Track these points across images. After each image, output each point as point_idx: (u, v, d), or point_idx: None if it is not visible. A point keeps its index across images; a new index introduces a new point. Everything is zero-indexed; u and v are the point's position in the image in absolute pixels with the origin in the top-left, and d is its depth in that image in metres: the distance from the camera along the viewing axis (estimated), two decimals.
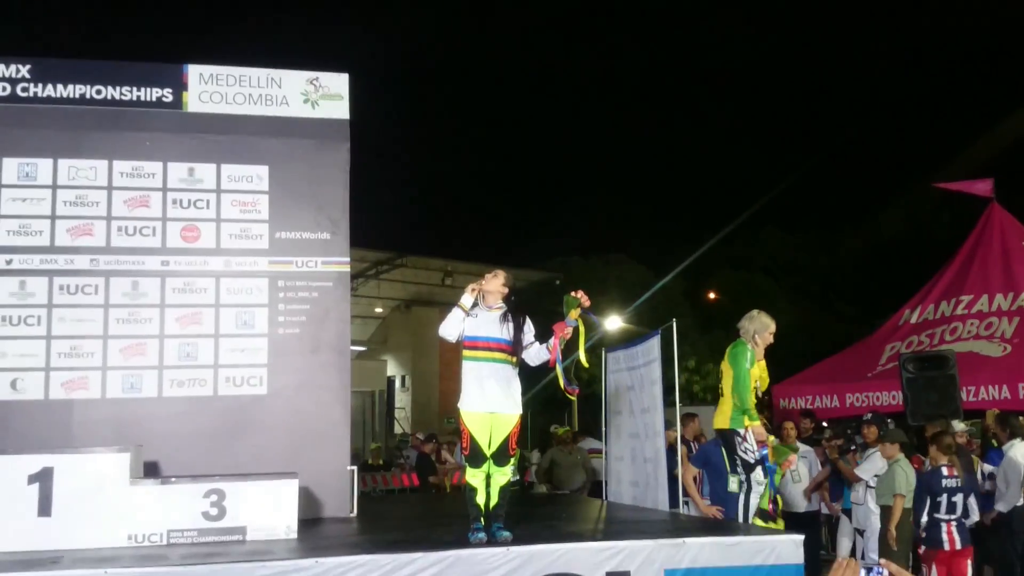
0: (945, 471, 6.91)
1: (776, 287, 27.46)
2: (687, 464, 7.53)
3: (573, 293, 5.59)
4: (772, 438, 6.54)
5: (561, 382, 5.68)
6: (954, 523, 6.85)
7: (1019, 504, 8.12)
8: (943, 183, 16.35)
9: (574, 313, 5.55)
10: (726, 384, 6.57)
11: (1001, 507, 8.21)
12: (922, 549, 7.06)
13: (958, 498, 6.83)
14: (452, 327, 5.53)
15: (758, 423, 6.52)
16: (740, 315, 6.89)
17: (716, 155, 44.58)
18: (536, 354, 5.62)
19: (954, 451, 7.02)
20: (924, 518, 6.90)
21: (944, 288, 13.63)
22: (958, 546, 6.87)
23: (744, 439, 6.48)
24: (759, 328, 6.66)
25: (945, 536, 6.83)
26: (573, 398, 5.93)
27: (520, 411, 5.57)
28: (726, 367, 6.61)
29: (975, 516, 6.99)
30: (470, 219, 41.91)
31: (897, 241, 28.26)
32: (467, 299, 5.54)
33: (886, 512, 7.47)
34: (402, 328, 28.72)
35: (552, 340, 5.57)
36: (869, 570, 2.43)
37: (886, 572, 2.42)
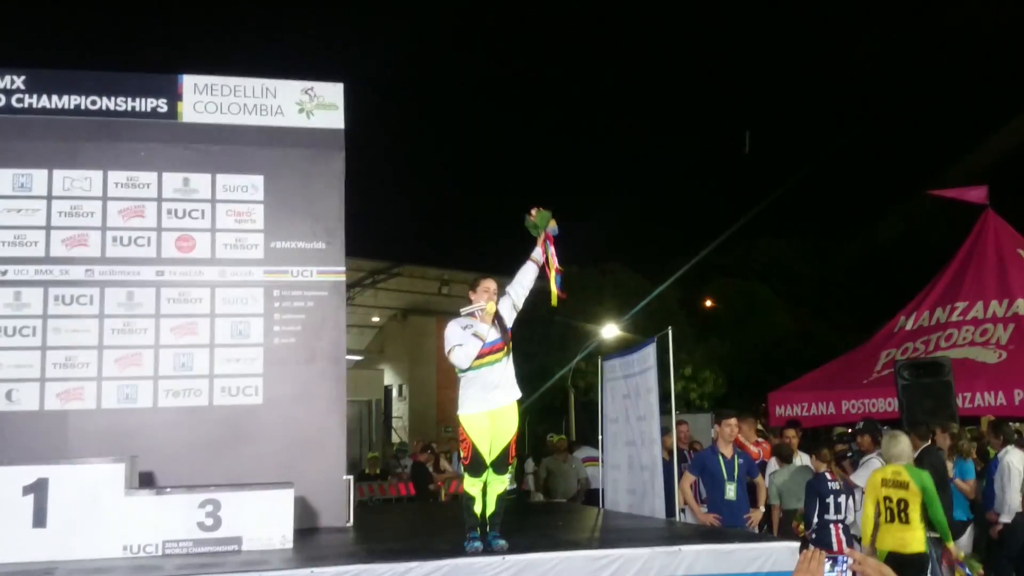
0: (828, 476, 7.31)
1: (772, 295, 27.46)
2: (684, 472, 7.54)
3: (536, 209, 5.65)
4: (962, 553, 6.99)
5: (554, 286, 5.75)
6: (840, 525, 7.20)
7: (1021, 511, 8.11)
8: (938, 190, 16.44)
9: (553, 223, 5.64)
10: (913, 512, 6.56)
11: (1005, 518, 8.19)
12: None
13: (842, 499, 7.24)
14: (469, 358, 5.37)
15: (952, 543, 6.83)
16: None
17: (711, 163, 44.67)
18: (522, 284, 5.65)
19: (830, 460, 7.55)
20: (815, 519, 7.22)
21: (939, 295, 13.67)
22: (844, 548, 7.11)
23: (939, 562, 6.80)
24: (907, 448, 6.86)
25: (834, 538, 7.12)
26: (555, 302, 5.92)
27: (519, 393, 5.55)
28: (910, 495, 6.58)
29: (851, 516, 7.29)
30: (466, 228, 41.95)
31: (892, 248, 28.33)
32: (484, 329, 5.41)
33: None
34: (399, 337, 28.73)
35: (538, 249, 5.64)
36: (834, 560, 2.45)
37: (850, 560, 2.46)
